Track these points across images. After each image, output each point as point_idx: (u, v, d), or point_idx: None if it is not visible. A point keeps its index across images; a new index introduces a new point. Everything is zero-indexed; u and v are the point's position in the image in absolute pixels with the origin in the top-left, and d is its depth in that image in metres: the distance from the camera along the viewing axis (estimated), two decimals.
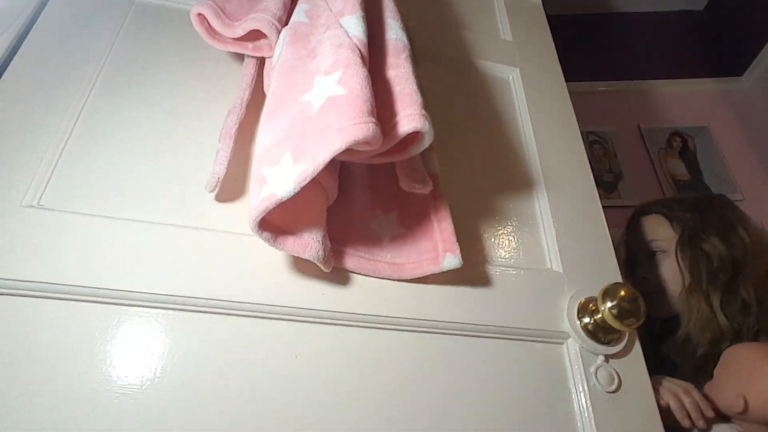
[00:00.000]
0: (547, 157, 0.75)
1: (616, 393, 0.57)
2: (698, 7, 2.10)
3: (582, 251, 0.67)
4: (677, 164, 1.73)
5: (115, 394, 0.46)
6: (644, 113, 1.84)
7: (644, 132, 1.79)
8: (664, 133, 1.80)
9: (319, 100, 0.50)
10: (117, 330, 0.49)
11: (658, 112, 1.84)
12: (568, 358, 0.59)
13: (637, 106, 1.85)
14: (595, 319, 0.59)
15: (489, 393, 0.55)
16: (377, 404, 0.51)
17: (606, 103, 1.85)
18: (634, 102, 1.86)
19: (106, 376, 0.47)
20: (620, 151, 1.73)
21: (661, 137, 1.78)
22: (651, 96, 1.88)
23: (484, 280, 0.61)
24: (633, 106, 1.85)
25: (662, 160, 1.73)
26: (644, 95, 1.88)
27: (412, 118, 0.51)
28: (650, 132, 1.79)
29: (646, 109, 1.85)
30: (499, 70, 0.88)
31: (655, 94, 1.88)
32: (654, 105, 1.86)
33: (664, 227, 0.85)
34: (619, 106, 1.85)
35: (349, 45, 0.54)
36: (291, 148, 0.48)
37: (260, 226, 0.48)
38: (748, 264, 0.74)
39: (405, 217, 0.63)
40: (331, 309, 0.54)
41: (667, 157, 1.74)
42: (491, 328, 0.58)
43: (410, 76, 0.56)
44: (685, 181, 1.70)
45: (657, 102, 1.86)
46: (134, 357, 0.48)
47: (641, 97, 1.88)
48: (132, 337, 0.49)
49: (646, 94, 1.89)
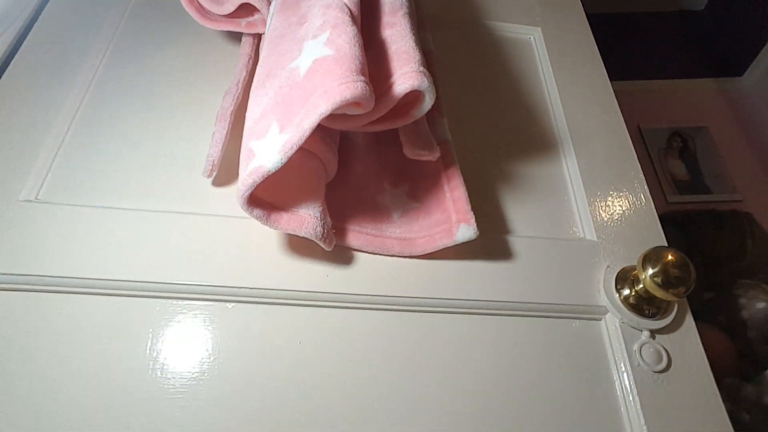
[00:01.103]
0: (575, 118, 0.68)
1: (665, 372, 0.49)
2: (698, 7, 2.12)
3: (619, 217, 0.59)
4: (677, 164, 1.73)
5: (121, 386, 0.44)
6: (644, 113, 1.84)
7: (644, 132, 1.79)
8: (664, 133, 1.79)
9: (306, 63, 0.46)
10: (119, 321, 0.48)
11: (658, 112, 1.84)
12: (607, 336, 0.52)
13: (637, 106, 1.85)
14: (636, 290, 0.52)
15: (518, 376, 0.50)
16: (391, 390, 0.47)
17: None
18: (634, 102, 1.86)
19: (111, 368, 0.45)
20: None
21: (661, 137, 1.78)
22: (651, 96, 1.88)
23: (506, 253, 0.55)
24: (633, 106, 1.83)
25: (662, 160, 1.73)
26: (644, 95, 1.89)
27: (409, 76, 0.46)
28: (650, 132, 1.79)
29: (646, 109, 1.85)
30: (519, 30, 0.81)
31: (655, 94, 1.89)
32: (654, 105, 1.86)
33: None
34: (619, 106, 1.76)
35: (337, 4, 0.50)
36: (277, 117, 0.45)
37: (250, 203, 0.45)
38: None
39: (416, 190, 0.58)
40: (336, 291, 0.50)
41: (667, 157, 1.74)
42: (516, 304, 0.52)
43: (407, 33, 0.51)
44: (685, 181, 1.70)
45: (657, 102, 1.87)
46: (132, 346, 0.46)
47: (641, 97, 1.88)
48: (135, 327, 0.47)
49: (646, 94, 1.89)
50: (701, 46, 2.03)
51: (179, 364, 0.46)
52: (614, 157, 0.64)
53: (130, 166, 0.57)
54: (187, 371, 0.46)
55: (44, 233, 0.50)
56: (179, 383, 0.45)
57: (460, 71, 0.74)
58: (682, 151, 1.76)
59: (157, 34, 0.69)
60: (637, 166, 0.64)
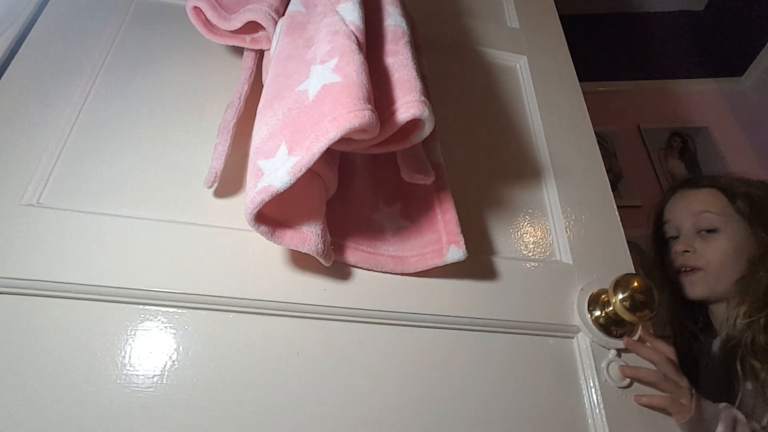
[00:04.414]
0: (556, 147, 0.72)
1: (629, 388, 0.54)
2: (698, 7, 2.11)
3: (592, 242, 0.64)
4: (677, 164, 1.73)
5: (119, 391, 0.46)
6: (644, 113, 1.84)
7: (644, 132, 1.79)
8: (664, 133, 1.79)
9: (315, 89, 0.49)
10: (117, 328, 0.49)
11: (658, 112, 1.84)
12: (578, 353, 0.57)
13: (637, 106, 1.86)
14: (606, 312, 0.57)
15: (497, 389, 0.54)
16: (381, 400, 0.50)
17: (606, 103, 1.85)
18: (634, 102, 1.87)
19: (109, 373, 0.46)
20: (620, 151, 1.73)
21: (661, 137, 1.78)
22: (651, 96, 1.89)
23: (490, 273, 0.59)
24: (633, 106, 1.85)
25: (662, 161, 1.73)
26: (644, 95, 1.89)
27: (411, 105, 0.49)
28: (650, 132, 1.79)
29: (646, 109, 1.85)
30: (506, 58, 0.86)
31: (655, 94, 1.89)
32: (654, 105, 1.86)
33: (720, 202, 0.79)
34: (619, 106, 1.85)
35: (345, 32, 0.52)
36: (286, 139, 0.47)
37: (257, 220, 0.47)
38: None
39: (408, 209, 0.61)
40: (333, 304, 0.53)
41: (667, 158, 1.74)
42: (498, 322, 0.56)
43: (409, 62, 0.55)
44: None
45: (657, 102, 1.87)
46: (135, 354, 0.48)
47: (641, 97, 1.89)
48: (134, 334, 0.49)
49: (646, 94, 1.90)
50: (701, 46, 2.01)
51: (178, 373, 0.48)
52: (590, 187, 0.69)
53: (131, 172, 0.58)
54: (188, 377, 0.48)
55: (37, 238, 0.50)
56: (179, 389, 0.47)
57: (449, 94, 0.78)
58: (682, 151, 1.75)
59: (158, 38, 0.70)
60: (611, 197, 0.69)
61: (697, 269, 0.76)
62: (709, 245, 0.76)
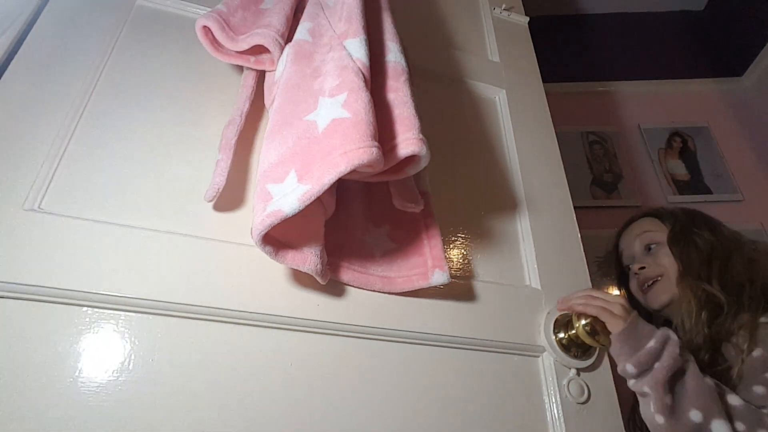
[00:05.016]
0: (530, 180, 0.79)
1: (586, 404, 0.61)
2: (698, 7, 2.10)
3: (559, 270, 0.71)
4: (677, 164, 1.72)
5: (116, 397, 0.48)
6: (644, 113, 1.84)
7: (644, 132, 1.79)
8: (664, 133, 1.79)
9: (324, 121, 0.52)
10: (109, 335, 0.50)
11: (658, 112, 1.84)
12: (543, 371, 0.63)
13: (637, 106, 1.86)
14: (569, 335, 0.64)
15: (469, 402, 0.59)
16: (368, 409, 0.54)
17: (606, 103, 1.87)
18: (634, 102, 1.87)
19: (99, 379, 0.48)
20: (620, 151, 1.74)
21: (661, 137, 1.78)
22: (651, 96, 1.88)
23: (468, 295, 0.64)
24: (633, 106, 1.86)
25: (662, 160, 1.72)
26: (644, 95, 1.89)
27: (411, 142, 0.54)
28: (650, 132, 1.79)
29: (646, 109, 1.85)
30: (487, 90, 0.92)
31: (655, 94, 1.89)
32: (654, 105, 1.86)
33: (656, 223, 0.91)
34: (619, 106, 1.87)
35: (353, 68, 0.56)
36: (296, 166, 0.51)
37: (264, 240, 0.50)
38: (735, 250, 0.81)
39: (396, 231, 0.66)
40: (325, 319, 0.57)
41: (667, 157, 1.73)
42: (474, 340, 0.62)
43: (408, 99, 0.59)
44: (685, 181, 1.69)
45: (657, 102, 1.87)
46: (132, 362, 0.50)
47: (641, 97, 1.88)
48: (129, 342, 0.51)
49: (646, 94, 1.89)
50: (701, 46, 2.01)
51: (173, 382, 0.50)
52: (558, 220, 0.76)
53: (130, 180, 0.59)
54: (183, 388, 0.50)
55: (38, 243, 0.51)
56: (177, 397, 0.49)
57: (434, 122, 0.83)
58: (682, 151, 1.75)
59: (157, 45, 0.71)
60: (576, 229, 0.76)
61: (657, 279, 0.85)
62: (657, 256, 0.87)
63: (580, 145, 1.75)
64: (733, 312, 0.72)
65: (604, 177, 1.69)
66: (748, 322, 0.69)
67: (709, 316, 0.73)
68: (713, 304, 0.74)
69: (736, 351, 0.68)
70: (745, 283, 0.75)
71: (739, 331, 0.69)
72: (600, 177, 1.68)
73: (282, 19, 0.67)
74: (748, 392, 0.63)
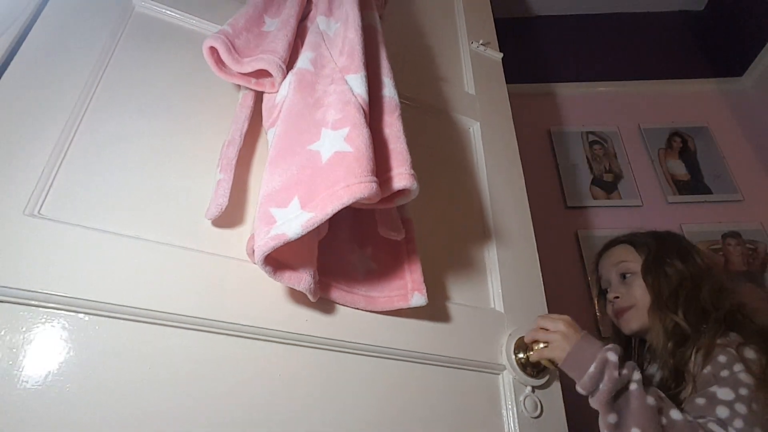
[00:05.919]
0: (499, 212, 0.87)
1: (539, 419, 0.69)
2: (698, 7, 2.12)
3: (521, 296, 0.79)
4: (677, 164, 1.73)
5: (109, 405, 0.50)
6: (644, 113, 1.85)
7: (644, 132, 1.80)
8: (664, 133, 1.79)
9: (327, 152, 0.57)
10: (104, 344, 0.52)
11: (658, 112, 1.85)
12: (502, 387, 0.71)
13: (637, 106, 1.87)
14: (527, 355, 0.71)
15: (436, 414, 0.65)
16: (350, 419, 0.59)
17: (606, 103, 1.88)
18: (634, 102, 1.88)
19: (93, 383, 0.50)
20: (620, 151, 1.75)
21: (661, 137, 1.78)
22: (651, 96, 1.89)
23: (442, 315, 0.71)
24: (633, 106, 1.87)
25: (662, 160, 1.73)
26: (644, 95, 1.90)
27: (404, 177, 0.60)
28: (650, 132, 1.79)
29: (646, 109, 1.86)
30: (463, 121, 0.99)
31: (655, 94, 1.90)
32: (654, 105, 1.87)
33: (631, 252, 0.96)
34: (619, 106, 1.88)
35: (354, 104, 0.61)
36: (300, 194, 0.55)
37: (265, 261, 0.54)
38: (704, 279, 0.86)
39: (379, 253, 0.71)
40: (313, 334, 0.61)
41: (667, 157, 1.74)
42: (444, 357, 0.68)
43: (401, 134, 0.65)
44: (685, 181, 1.69)
45: (657, 102, 1.87)
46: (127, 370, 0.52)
47: (641, 97, 1.89)
48: (122, 350, 0.53)
49: (646, 94, 1.90)
50: (701, 46, 2.02)
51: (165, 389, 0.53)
52: (521, 250, 0.84)
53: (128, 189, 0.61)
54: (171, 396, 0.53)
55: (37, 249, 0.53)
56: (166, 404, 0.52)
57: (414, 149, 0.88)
58: (682, 151, 1.75)
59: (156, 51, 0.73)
60: (536, 259, 0.84)
61: (628, 308, 0.91)
62: (631, 286, 0.92)
63: (580, 145, 1.77)
64: (693, 339, 0.78)
65: (604, 177, 1.70)
66: (704, 346, 0.75)
67: (674, 345, 0.79)
68: (679, 334, 0.79)
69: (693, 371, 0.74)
70: (711, 310, 0.80)
71: (696, 354, 0.75)
72: (600, 177, 1.70)
73: (285, 45, 0.70)
74: (691, 404, 0.70)
